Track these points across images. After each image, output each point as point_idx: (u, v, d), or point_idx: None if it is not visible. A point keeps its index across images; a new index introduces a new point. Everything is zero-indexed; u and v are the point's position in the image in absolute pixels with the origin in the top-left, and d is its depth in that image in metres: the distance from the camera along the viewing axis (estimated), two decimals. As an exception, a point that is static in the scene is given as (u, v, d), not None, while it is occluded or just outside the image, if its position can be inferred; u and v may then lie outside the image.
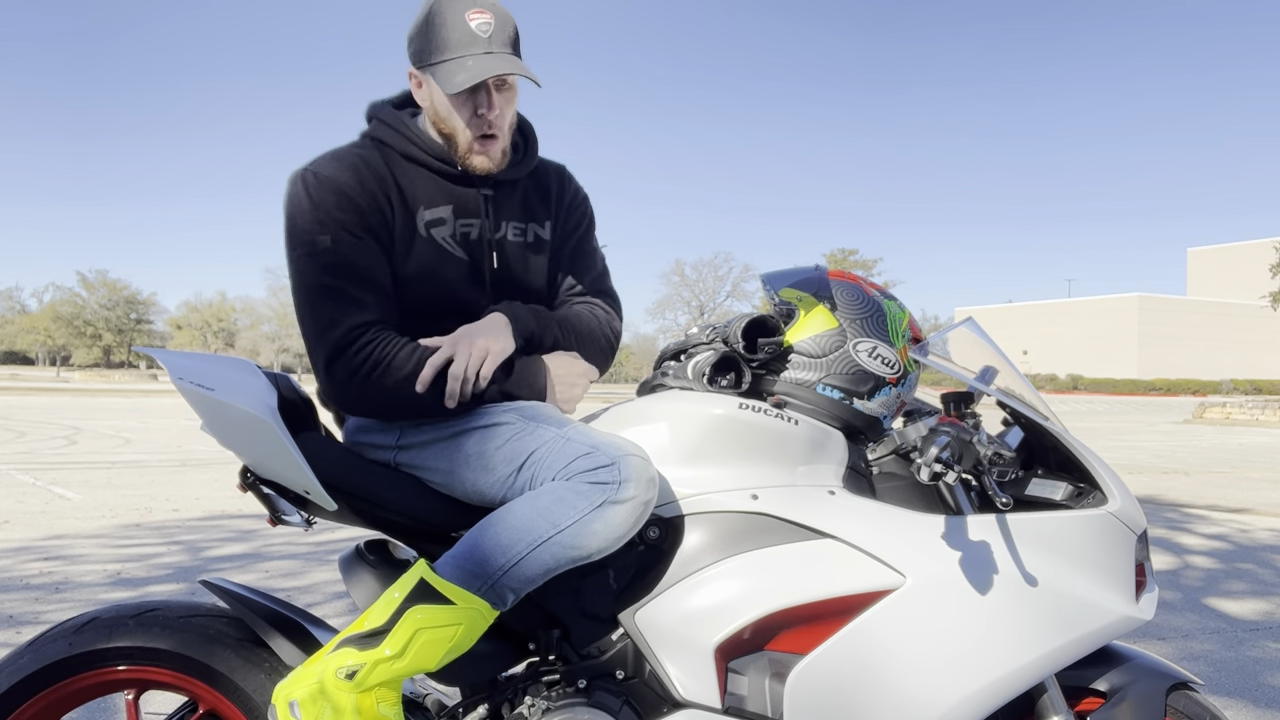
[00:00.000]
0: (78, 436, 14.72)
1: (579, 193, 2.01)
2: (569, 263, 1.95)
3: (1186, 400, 48.02)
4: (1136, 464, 12.78)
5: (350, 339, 1.68)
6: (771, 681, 1.64)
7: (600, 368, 1.90)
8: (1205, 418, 28.62)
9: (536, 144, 1.93)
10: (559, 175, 1.98)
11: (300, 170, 1.75)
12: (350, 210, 1.71)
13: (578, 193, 2.00)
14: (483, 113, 1.76)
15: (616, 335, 1.95)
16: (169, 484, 8.93)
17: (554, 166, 1.99)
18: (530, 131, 1.93)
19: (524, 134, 1.92)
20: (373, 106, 1.87)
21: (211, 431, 1.67)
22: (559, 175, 1.98)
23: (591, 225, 2.02)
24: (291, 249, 1.72)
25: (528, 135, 1.92)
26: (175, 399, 26.57)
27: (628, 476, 1.56)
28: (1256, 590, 5.15)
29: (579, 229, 1.98)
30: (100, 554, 5.51)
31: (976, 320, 1.89)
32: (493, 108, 1.76)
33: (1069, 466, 1.78)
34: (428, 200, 1.79)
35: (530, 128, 1.94)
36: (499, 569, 1.57)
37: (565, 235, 1.96)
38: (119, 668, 1.65)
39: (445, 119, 1.77)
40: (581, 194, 2.01)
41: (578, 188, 2.01)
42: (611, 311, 1.96)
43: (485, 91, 1.75)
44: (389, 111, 1.84)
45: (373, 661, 1.53)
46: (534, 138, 1.93)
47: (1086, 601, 1.66)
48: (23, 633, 3.81)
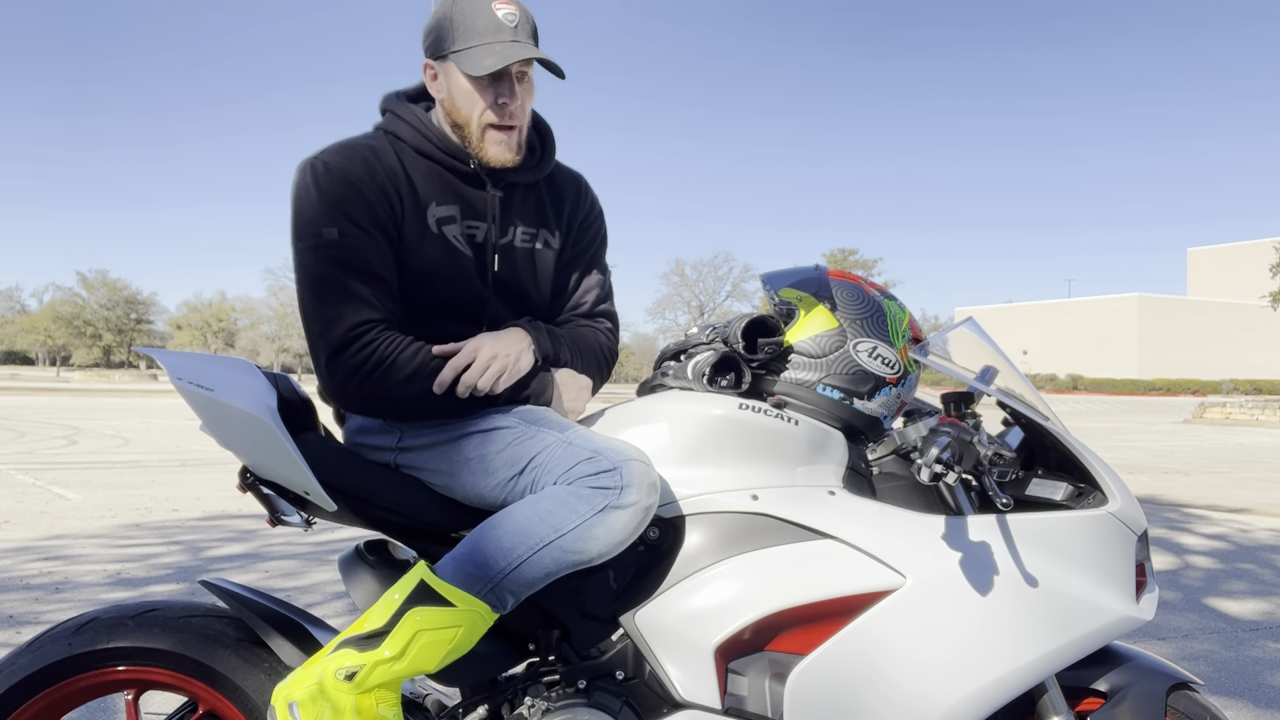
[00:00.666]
0: (78, 436, 14.72)
1: (595, 207, 1.98)
2: (578, 279, 1.94)
3: (1186, 400, 48.02)
4: (1136, 464, 12.78)
5: (353, 336, 1.67)
6: (771, 682, 1.64)
7: (596, 384, 1.90)
8: (1205, 418, 28.62)
9: (554, 147, 1.90)
10: (576, 185, 1.95)
11: (309, 159, 1.72)
12: (358, 203, 1.69)
13: (594, 207, 1.97)
14: (504, 101, 1.73)
15: (614, 357, 1.96)
16: (169, 484, 8.93)
17: (572, 175, 1.96)
18: (548, 133, 1.90)
19: (541, 135, 1.89)
20: (387, 99, 1.84)
21: (211, 432, 1.67)
22: (576, 185, 1.95)
23: (604, 244, 2.00)
24: (297, 240, 1.70)
25: (545, 137, 1.89)
26: (175, 399, 26.56)
27: (630, 482, 1.56)
28: (1257, 590, 5.15)
29: (591, 246, 1.96)
30: (100, 554, 5.51)
31: (976, 320, 1.89)
32: (515, 97, 1.74)
33: (1069, 467, 1.78)
34: (438, 196, 1.77)
35: (548, 129, 1.91)
36: (500, 572, 1.56)
37: (577, 249, 1.94)
38: (119, 668, 1.65)
39: (462, 107, 1.75)
40: (598, 209, 1.98)
41: (594, 201, 1.98)
42: (613, 335, 1.96)
43: (508, 80, 1.74)
44: (403, 105, 1.82)
45: (372, 663, 1.52)
46: (551, 140, 1.90)
47: (1087, 602, 1.66)
48: (23, 633, 3.81)
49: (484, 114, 1.74)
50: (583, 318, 1.93)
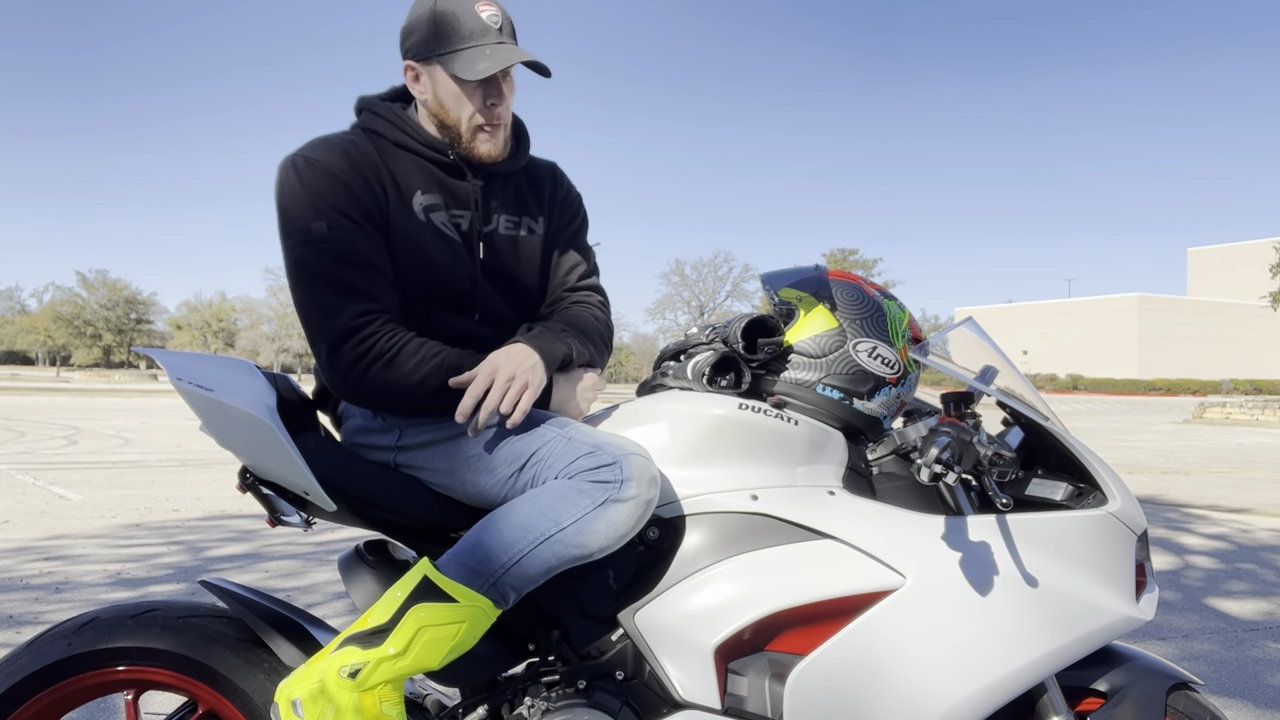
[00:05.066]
0: (78, 436, 14.72)
1: (571, 190, 2.02)
2: (562, 259, 1.96)
3: (1186, 400, 48.02)
4: (1136, 464, 12.78)
5: (354, 328, 1.67)
6: (771, 682, 1.64)
7: (602, 363, 1.90)
8: (1205, 418, 28.62)
9: (529, 140, 1.94)
10: (551, 173, 2.00)
11: (290, 156, 1.73)
12: (344, 194, 1.70)
13: (570, 190, 2.02)
14: (493, 103, 1.77)
15: (611, 329, 1.97)
16: (169, 484, 8.93)
17: (546, 164, 2.01)
18: (521, 127, 1.94)
19: (515, 128, 1.93)
20: (362, 99, 1.87)
21: (210, 432, 1.67)
22: (551, 173, 2.00)
23: (585, 224, 2.03)
24: (286, 237, 1.70)
25: (519, 130, 1.94)
26: (175, 399, 26.57)
27: (630, 475, 1.56)
28: (1257, 590, 5.15)
29: (572, 225, 1.99)
30: (100, 554, 5.51)
31: (976, 320, 1.89)
32: (503, 98, 1.78)
33: (1069, 467, 1.78)
34: (422, 186, 1.79)
35: (521, 124, 1.95)
36: (501, 566, 1.56)
37: (558, 231, 1.97)
38: (118, 668, 1.65)
39: (451, 109, 1.77)
40: (574, 192, 2.03)
41: (570, 185, 2.02)
42: (605, 308, 1.98)
43: (497, 82, 1.77)
44: (379, 103, 1.85)
45: (375, 660, 1.53)
46: (525, 134, 1.94)
47: (1087, 602, 1.66)
48: (23, 633, 3.81)
49: (474, 116, 1.77)
50: (569, 292, 1.95)
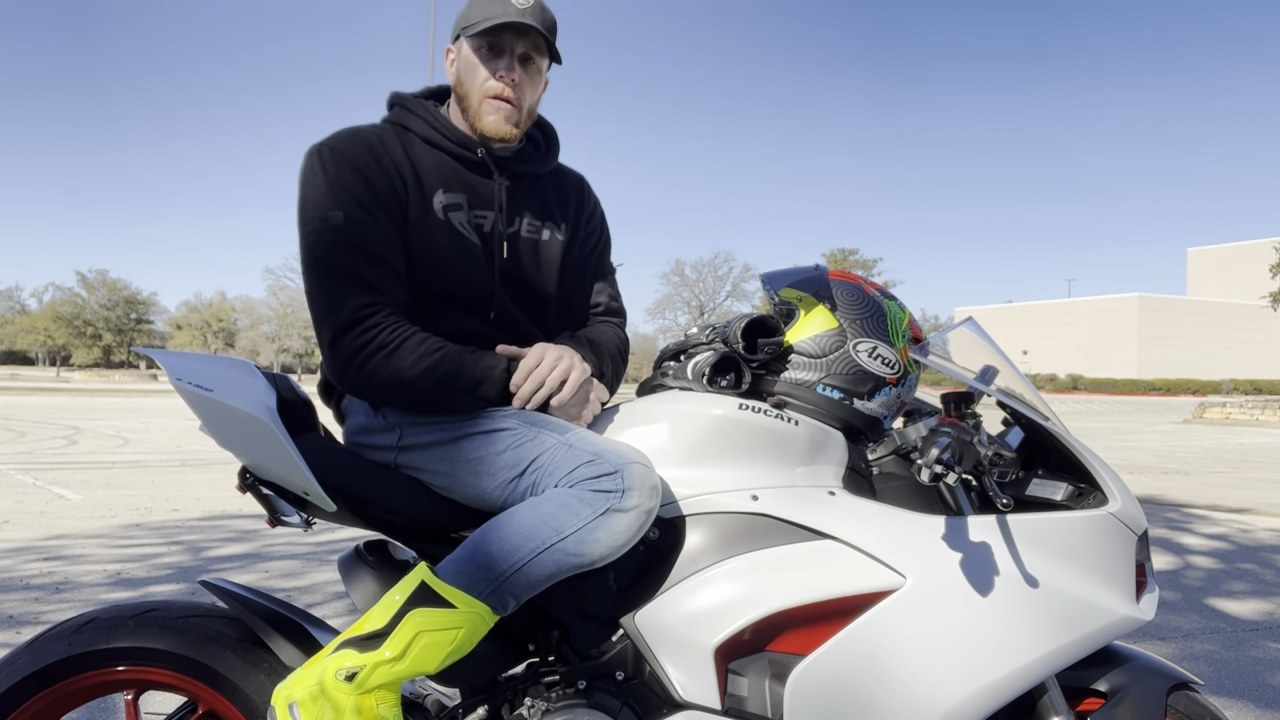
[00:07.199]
0: (78, 436, 14.72)
1: (598, 207, 2.05)
2: (591, 279, 2.00)
3: (1186, 400, 48.01)
4: (1136, 464, 12.78)
5: (358, 318, 1.68)
6: (771, 682, 1.64)
7: (618, 380, 1.94)
8: (1205, 418, 28.62)
9: (558, 144, 1.97)
10: (579, 185, 2.03)
11: (317, 145, 1.76)
12: (364, 187, 1.72)
13: (597, 207, 2.05)
14: (502, 73, 1.80)
15: (628, 347, 2.02)
16: (169, 484, 8.93)
17: (575, 176, 2.03)
18: (552, 132, 1.98)
19: (544, 132, 1.96)
20: (395, 94, 1.90)
21: (210, 432, 1.67)
22: (579, 185, 2.03)
23: (609, 244, 2.07)
24: (304, 223, 1.72)
25: (548, 134, 1.97)
26: (175, 399, 26.56)
27: (631, 485, 1.56)
28: (1257, 590, 5.15)
29: (598, 245, 2.03)
30: (100, 554, 5.51)
31: (976, 320, 1.89)
32: (512, 69, 1.81)
33: (1069, 467, 1.78)
34: (445, 184, 1.81)
35: (551, 128, 1.98)
36: (501, 574, 1.56)
37: (584, 248, 1.99)
38: (118, 668, 1.65)
39: (465, 79, 1.83)
40: (600, 210, 2.06)
41: (597, 202, 2.05)
42: (623, 327, 2.03)
43: (509, 55, 1.80)
44: (412, 99, 1.88)
45: (373, 663, 1.52)
46: (555, 137, 1.98)
47: (1087, 602, 1.65)
48: (23, 633, 3.81)
49: (485, 83, 1.81)
50: (599, 318, 2.01)
